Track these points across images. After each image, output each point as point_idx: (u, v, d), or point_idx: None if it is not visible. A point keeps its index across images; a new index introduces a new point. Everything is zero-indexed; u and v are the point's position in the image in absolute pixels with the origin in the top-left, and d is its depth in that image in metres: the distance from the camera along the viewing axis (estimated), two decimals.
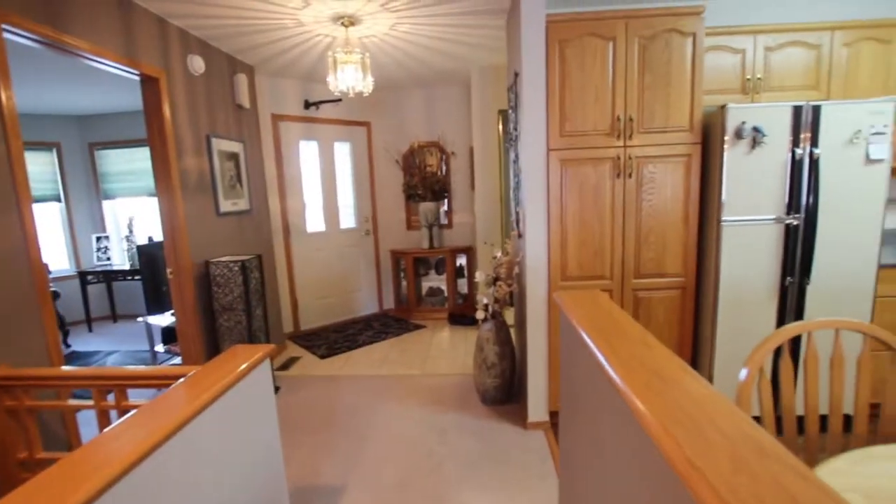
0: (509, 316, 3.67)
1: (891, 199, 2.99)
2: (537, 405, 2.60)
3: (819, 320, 1.23)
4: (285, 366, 3.82)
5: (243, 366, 1.43)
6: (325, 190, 4.72)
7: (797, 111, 2.21)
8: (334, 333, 4.57)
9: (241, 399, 1.43)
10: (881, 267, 2.37)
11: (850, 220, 2.29)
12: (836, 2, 2.88)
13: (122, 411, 1.75)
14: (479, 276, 2.80)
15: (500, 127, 4.26)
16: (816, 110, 2.21)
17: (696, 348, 2.57)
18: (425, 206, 4.72)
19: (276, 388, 3.36)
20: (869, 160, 2.24)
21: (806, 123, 2.21)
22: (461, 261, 5.05)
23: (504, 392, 2.88)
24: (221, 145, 3.31)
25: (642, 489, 0.81)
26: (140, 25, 2.59)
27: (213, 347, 3.09)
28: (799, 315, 2.38)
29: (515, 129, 2.63)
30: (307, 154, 4.58)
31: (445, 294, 5.00)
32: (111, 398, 1.77)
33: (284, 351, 4.16)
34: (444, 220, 5.07)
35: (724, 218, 2.28)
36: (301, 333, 4.57)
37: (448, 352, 3.98)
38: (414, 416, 2.88)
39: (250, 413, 1.49)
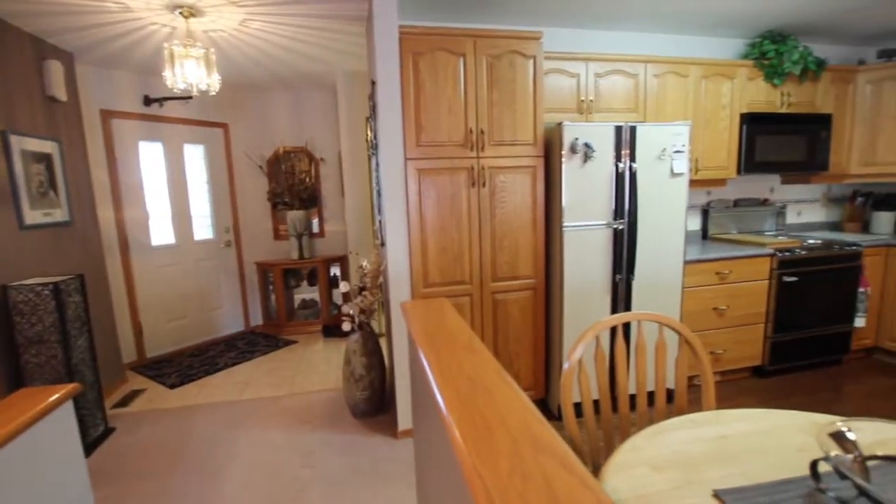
0: (382, 325, 3.63)
1: (690, 205, 3.61)
2: (406, 413, 2.59)
3: (623, 314, 1.41)
4: (124, 402, 3.29)
5: (39, 407, 1.18)
6: (174, 198, 4.20)
7: (618, 130, 2.54)
8: (190, 358, 4.09)
9: (28, 456, 1.17)
10: (686, 263, 2.83)
11: (662, 224, 2.69)
12: (647, 39, 3.40)
13: None
14: (345, 287, 2.72)
15: (368, 133, 4.22)
16: (633, 130, 2.56)
17: (548, 342, 2.80)
18: (293, 215, 4.47)
19: (110, 430, 2.87)
20: (673, 174, 2.67)
21: (625, 141, 2.55)
22: (335, 270, 4.88)
23: (374, 404, 2.82)
24: (25, 144, 2.75)
25: (454, 497, 0.82)
26: None
27: (17, 389, 2.53)
28: (628, 306, 2.73)
29: (375, 137, 2.61)
30: (150, 157, 4.04)
31: (320, 306, 4.79)
32: None
33: (124, 384, 3.59)
34: (315, 229, 4.86)
35: (565, 224, 2.52)
36: (147, 362, 4.00)
37: (320, 366, 3.81)
38: (277, 441, 2.68)
39: (43, 471, 1.22)
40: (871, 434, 1.04)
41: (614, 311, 2.69)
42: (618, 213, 2.59)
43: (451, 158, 2.45)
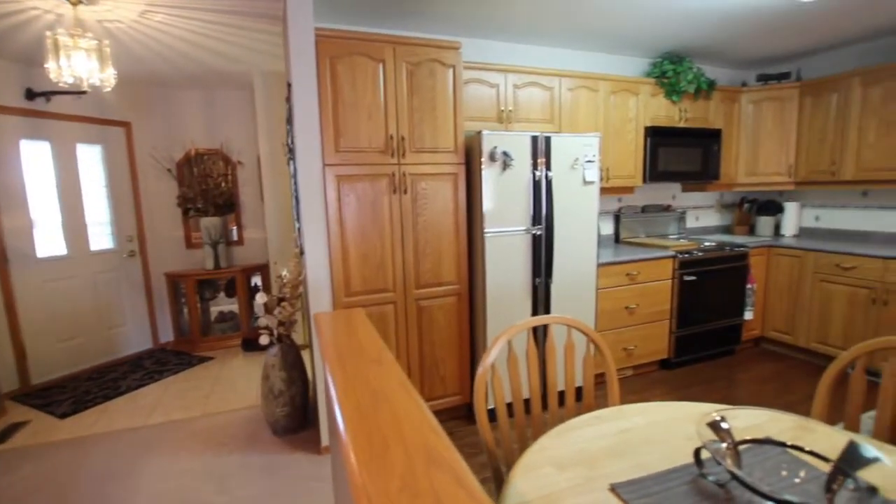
0: (306, 336, 3.49)
1: (602, 211, 3.86)
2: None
3: (534, 318, 1.46)
4: (1, 437, 2.88)
5: None
6: (65, 204, 3.77)
7: (534, 140, 2.64)
8: (87, 382, 3.67)
9: None
10: (599, 265, 3.01)
11: (577, 230, 2.84)
12: (561, 54, 3.59)
13: None
14: (261, 298, 2.58)
15: (287, 137, 4.06)
16: (548, 140, 2.68)
17: (473, 346, 2.84)
18: (208, 222, 4.18)
19: None
20: (585, 182, 2.82)
21: (541, 151, 2.67)
22: (257, 280, 4.63)
23: (296, 420, 2.70)
24: None
25: None
26: None
27: None
28: (548, 308, 2.84)
29: (292, 142, 2.51)
30: (35, 158, 3.59)
31: (239, 318, 4.51)
32: None
33: (2, 417, 3.14)
34: (234, 237, 4.58)
35: (486, 229, 2.58)
36: (32, 390, 3.53)
37: (239, 383, 3.58)
38: (188, 468, 2.47)
39: None
40: (745, 420, 1.15)
41: (535, 313, 2.79)
42: (536, 220, 2.70)
43: (371, 165, 2.41)
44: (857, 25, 3.22)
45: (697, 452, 1.03)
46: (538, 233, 2.71)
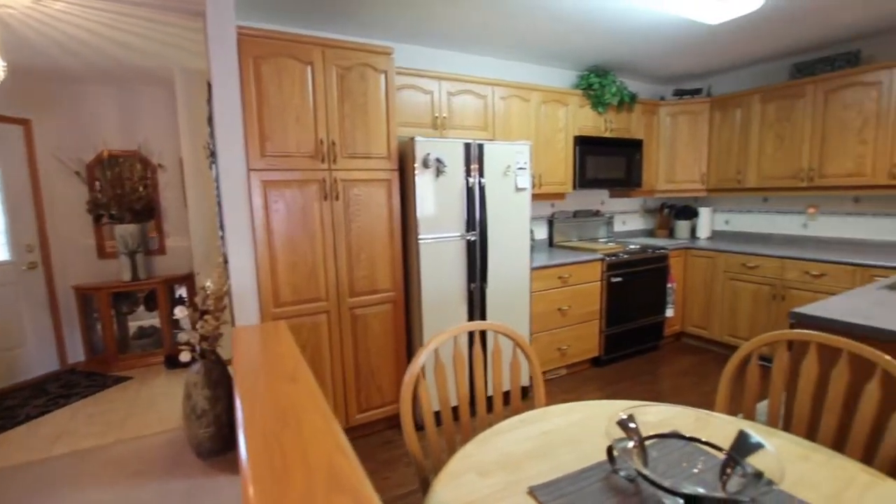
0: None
1: (537, 217, 3.99)
2: None
3: (461, 326, 1.47)
4: None
5: None
6: None
7: (468, 147, 2.68)
8: None
9: None
10: (533, 269, 3.10)
11: (510, 235, 2.91)
12: (494, 64, 3.67)
13: None
14: (180, 312, 2.41)
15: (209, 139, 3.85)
16: (481, 147, 2.73)
17: (410, 353, 2.82)
18: (123, 230, 3.86)
19: None
20: (518, 188, 2.90)
21: (474, 157, 2.71)
22: (181, 291, 4.33)
23: (222, 440, 2.54)
24: None
25: None
26: None
27: None
28: (483, 313, 2.88)
29: (214, 145, 2.38)
30: None
31: (162, 333, 4.19)
32: None
33: None
34: (155, 245, 4.26)
35: (420, 236, 2.58)
36: None
37: (160, 403, 3.32)
38: (97, 502, 2.25)
39: None
40: (655, 416, 1.22)
41: (471, 318, 2.82)
42: (470, 226, 2.73)
43: (301, 170, 2.34)
44: (757, 48, 3.56)
45: (610, 450, 1.07)
46: (472, 238, 2.74)
